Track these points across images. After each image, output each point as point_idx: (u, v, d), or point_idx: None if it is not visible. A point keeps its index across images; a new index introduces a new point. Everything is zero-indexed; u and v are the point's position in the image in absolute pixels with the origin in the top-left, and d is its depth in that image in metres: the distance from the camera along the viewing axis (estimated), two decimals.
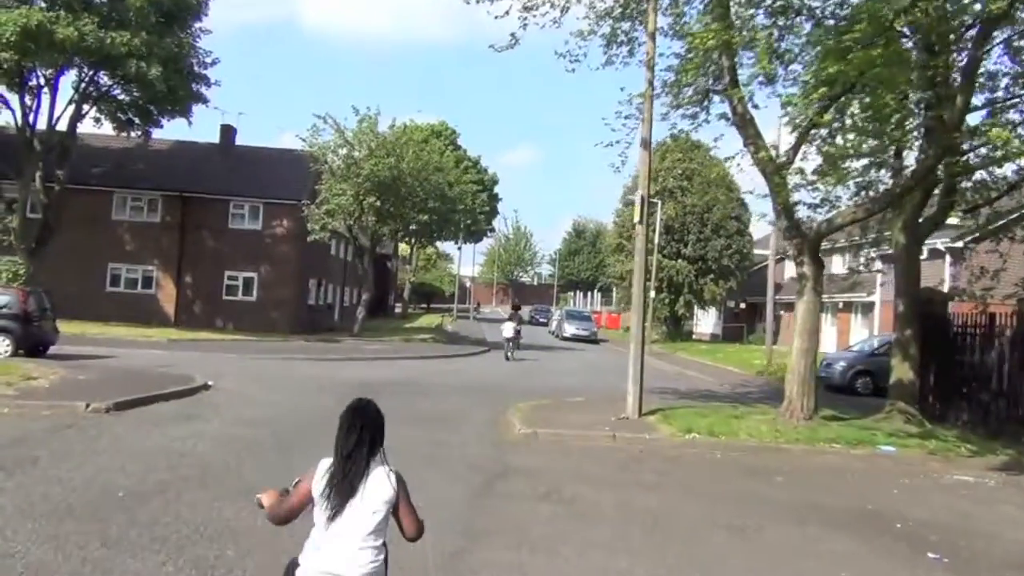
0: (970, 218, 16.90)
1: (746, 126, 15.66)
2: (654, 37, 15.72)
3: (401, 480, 3.82)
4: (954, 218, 17.17)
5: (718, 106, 17.46)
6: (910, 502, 10.41)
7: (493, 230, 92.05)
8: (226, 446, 11.09)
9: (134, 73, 29.68)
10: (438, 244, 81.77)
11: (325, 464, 3.80)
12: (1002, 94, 15.93)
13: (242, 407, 14.91)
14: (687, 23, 17.08)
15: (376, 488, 3.73)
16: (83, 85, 33.37)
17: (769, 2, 14.88)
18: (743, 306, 56.84)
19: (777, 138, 22.89)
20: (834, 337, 46.23)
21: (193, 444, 11.07)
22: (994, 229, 17.86)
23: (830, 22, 14.25)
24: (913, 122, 15.13)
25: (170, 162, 40.37)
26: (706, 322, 59.70)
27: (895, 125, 13.93)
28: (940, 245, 29.67)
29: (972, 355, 17.85)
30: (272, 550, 6.67)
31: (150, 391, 15.14)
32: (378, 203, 37.00)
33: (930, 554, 7.92)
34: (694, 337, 55.94)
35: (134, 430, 11.88)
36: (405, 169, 37.59)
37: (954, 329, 18.51)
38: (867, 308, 41.64)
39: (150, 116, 35.23)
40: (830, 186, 15.44)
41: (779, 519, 9.00)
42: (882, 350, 27.52)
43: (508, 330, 32.61)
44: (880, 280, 30.91)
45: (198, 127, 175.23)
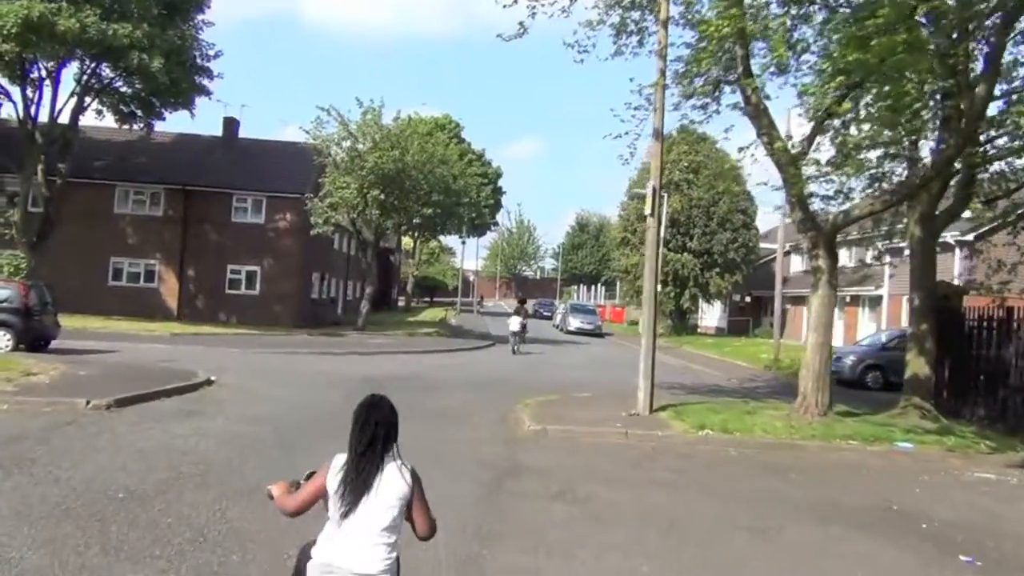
0: (989, 210, 16.55)
1: (760, 116, 15.34)
2: (666, 25, 15.38)
3: (416, 477, 3.80)
4: (969, 210, 16.79)
5: (728, 97, 17.22)
6: (933, 500, 10.11)
7: (497, 224, 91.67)
8: (229, 444, 10.82)
9: (136, 65, 29.41)
10: (441, 238, 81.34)
11: (340, 460, 3.77)
12: (1020, 84, 15.59)
13: (245, 403, 14.64)
14: (699, 12, 16.79)
15: (390, 484, 3.70)
16: (85, 77, 33.12)
17: None
18: (748, 300, 56.56)
19: (787, 129, 22.55)
20: (841, 331, 45.90)
21: (195, 442, 10.79)
22: (1012, 220, 17.51)
23: (846, 10, 13.93)
24: (928, 112, 14.80)
25: (172, 155, 40.13)
26: (711, 316, 59.39)
27: (911, 115, 13.61)
28: (950, 238, 29.35)
29: (988, 350, 17.53)
30: (278, 555, 6.41)
31: (152, 387, 14.87)
32: (382, 196, 36.67)
33: (962, 556, 7.63)
34: (699, 331, 55.68)
35: (135, 427, 11.61)
36: (409, 162, 37.26)
37: (969, 323, 18.20)
38: (875, 302, 41.32)
39: (152, 108, 34.98)
40: (849, 176, 15.09)
41: (799, 519, 8.71)
42: (892, 344, 27.25)
43: (515, 324, 32.57)
44: (889, 273, 30.52)
45: (201, 120, 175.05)
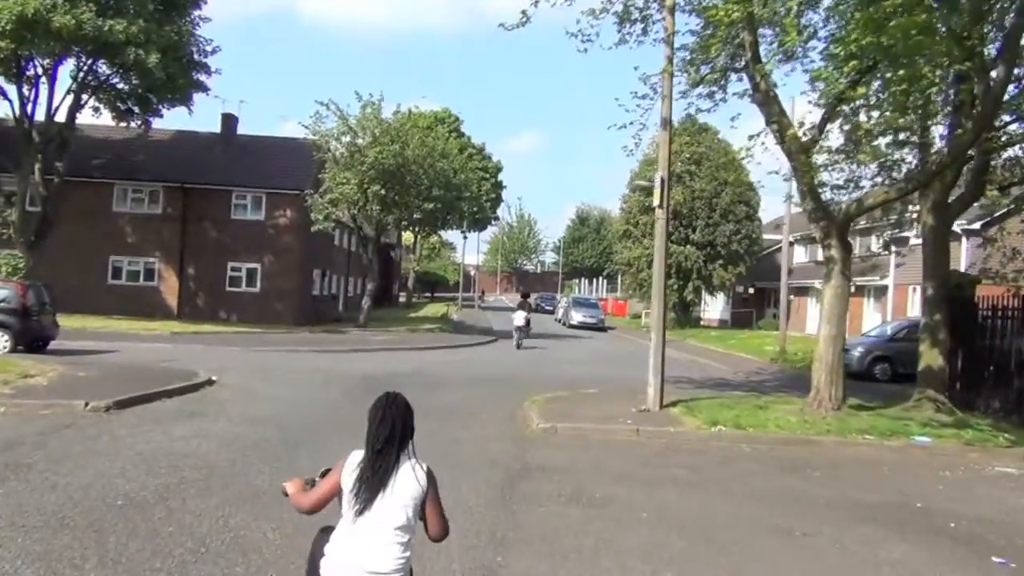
0: (1005, 197, 16.23)
1: (770, 103, 15.01)
2: (673, 11, 15.04)
3: (432, 476, 3.76)
4: (984, 198, 16.47)
5: (734, 85, 16.92)
6: (957, 498, 9.81)
7: (498, 218, 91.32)
8: (231, 446, 10.51)
9: (132, 61, 29.04)
10: (442, 233, 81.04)
11: (356, 457, 3.73)
12: None
13: (247, 403, 14.34)
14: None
15: (406, 483, 3.66)
16: (81, 74, 32.80)
17: None
18: (751, 291, 56.25)
19: (792, 117, 22.21)
20: (847, 322, 45.56)
21: (196, 444, 10.49)
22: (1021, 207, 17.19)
23: None
24: (939, 96, 14.49)
25: (171, 152, 39.79)
26: (714, 308, 59.08)
27: (926, 99, 13.31)
28: (956, 227, 29.00)
29: (1002, 340, 17.23)
30: (284, 566, 6.14)
31: (152, 388, 14.57)
32: (382, 191, 36.30)
33: (994, 558, 7.33)
34: (702, 323, 55.34)
35: (135, 430, 11.31)
36: (410, 156, 36.90)
37: (983, 313, 17.88)
38: (880, 292, 40.95)
39: (150, 105, 34.64)
40: (861, 164, 14.76)
41: (824, 520, 8.39)
42: (901, 335, 26.97)
43: (519, 319, 32.46)
44: (897, 263, 30.16)
45: (199, 117, 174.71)
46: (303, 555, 6.37)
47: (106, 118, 35.59)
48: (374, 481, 3.63)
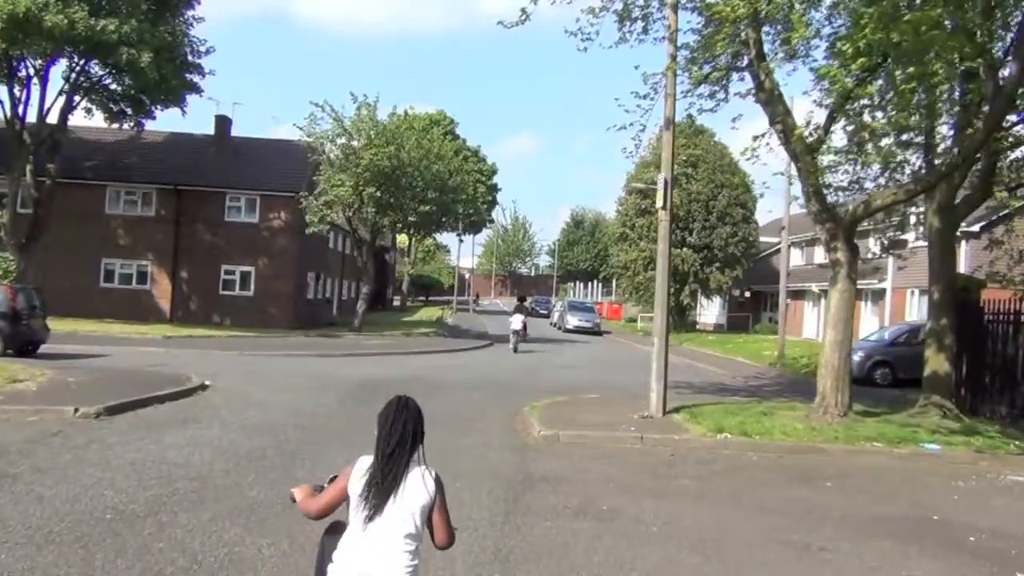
0: (1013, 198, 15.97)
1: (775, 103, 14.73)
2: (676, 8, 14.75)
3: (440, 483, 3.69)
4: (991, 199, 16.22)
5: (736, 85, 16.66)
6: (974, 509, 9.52)
7: (492, 221, 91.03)
8: (225, 455, 10.18)
9: (125, 60, 28.68)
10: (437, 235, 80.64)
11: (364, 462, 3.67)
12: None
13: (242, 409, 14.00)
14: None
15: (414, 490, 3.60)
16: (74, 75, 32.46)
17: None
18: (748, 295, 55.98)
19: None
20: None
21: (189, 453, 10.16)
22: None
23: None
24: (947, 95, 14.24)
25: (164, 154, 39.48)
26: (710, 312, 58.79)
27: (933, 99, 13.06)
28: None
29: (1008, 345, 17.00)
30: None
31: (144, 393, 14.24)
32: (378, 194, 35.98)
33: (1020, 574, 7.04)
34: (698, 327, 55.04)
35: (126, 438, 10.97)
36: (405, 158, 36.59)
37: (988, 317, 17.64)
38: (878, 295, 40.73)
39: (143, 106, 34.30)
40: (868, 165, 14.48)
41: (842, 534, 8.08)
42: (901, 339, 26.72)
43: (516, 322, 32.29)
44: (897, 266, 29.93)
45: (192, 119, 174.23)
46: (300, 573, 6.11)
47: (98, 119, 35.39)
48: (384, 487, 3.55)
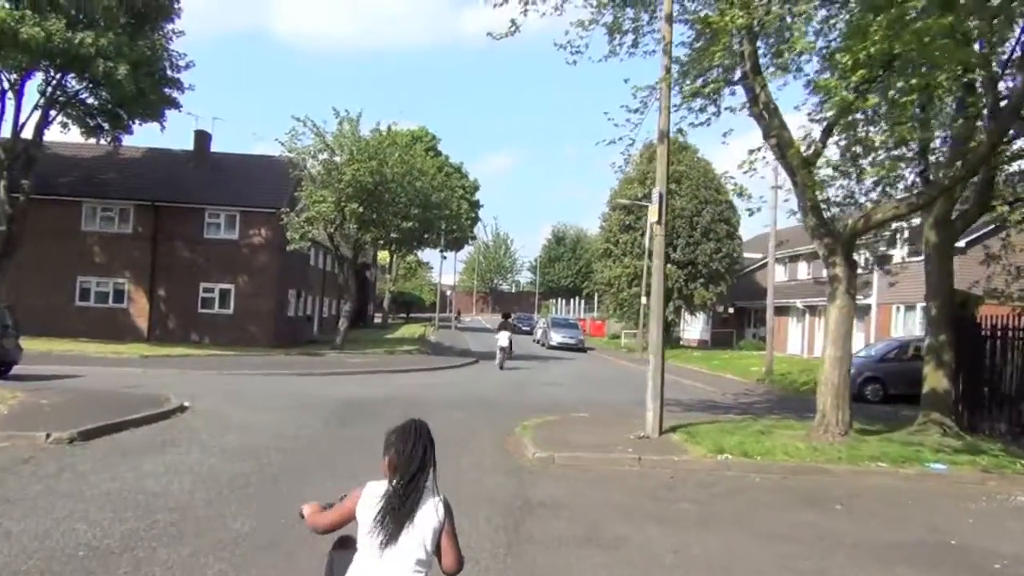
0: (1013, 212, 15.72)
1: (770, 116, 14.43)
2: (671, 20, 14.45)
3: (449, 508, 3.70)
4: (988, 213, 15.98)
5: (727, 99, 16.39)
6: (991, 534, 9.14)
7: (475, 237, 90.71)
8: (206, 483, 9.65)
9: (102, 73, 28.11)
10: (419, 252, 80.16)
11: (375, 489, 3.65)
12: None
13: (223, 432, 13.43)
14: (697, 11, 15.94)
15: (426, 515, 3.60)
16: (50, 89, 31.81)
17: None
18: (731, 311, 55.82)
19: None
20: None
21: (168, 481, 9.61)
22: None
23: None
24: (948, 107, 14.00)
25: (142, 170, 38.87)
26: (694, 328, 58.54)
27: (934, 111, 12.80)
28: None
29: (1007, 361, 16.73)
30: None
31: (120, 416, 13.61)
32: (360, 210, 35.52)
33: None
34: (682, 343, 54.76)
35: (100, 465, 10.40)
36: (388, 174, 36.16)
37: (984, 333, 17.38)
38: (863, 311, 40.53)
39: (120, 121, 33.66)
40: (863, 180, 14.19)
41: (856, 561, 7.68)
42: (892, 355, 26.53)
43: (503, 339, 32.01)
44: (889, 282, 29.75)
45: (171, 135, 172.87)
46: None
47: (75, 134, 34.68)
48: (402, 512, 3.53)
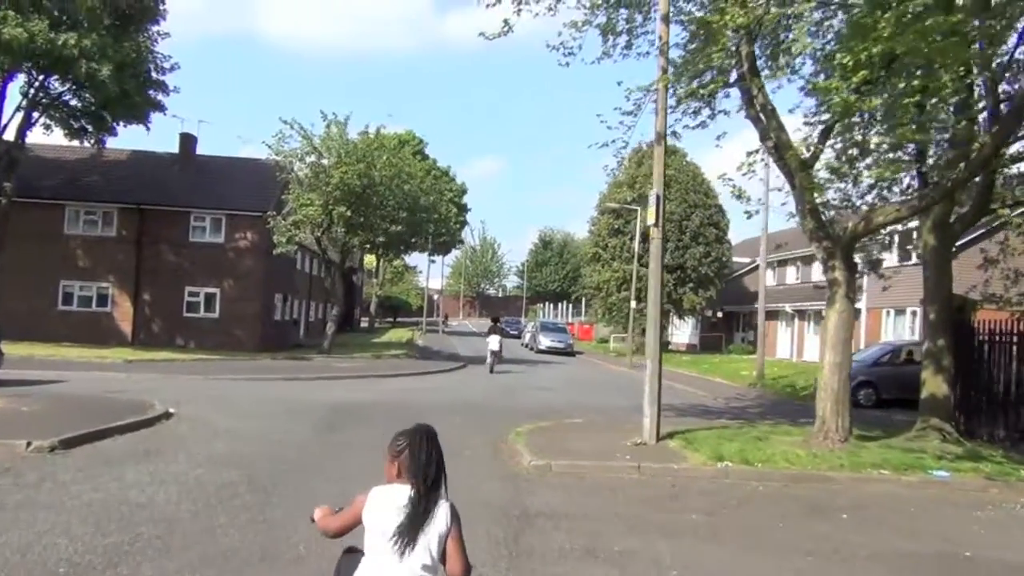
0: (1018, 216, 15.55)
1: (768, 118, 14.22)
2: (667, 20, 14.22)
3: (456, 514, 3.69)
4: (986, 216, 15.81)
5: (722, 102, 16.22)
6: (1003, 544, 8.91)
7: (463, 242, 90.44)
8: (192, 493, 9.29)
9: (85, 73, 27.68)
10: (406, 256, 79.84)
11: (384, 493, 3.65)
12: None
13: (210, 440, 13.07)
14: (692, 11, 15.73)
15: (435, 520, 3.60)
16: (32, 90, 31.30)
17: None
18: (720, 315, 55.72)
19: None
20: (817, 347, 45.02)
21: (153, 492, 9.26)
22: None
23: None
24: (949, 108, 13.80)
25: (126, 173, 38.32)
26: (683, 332, 58.42)
27: (936, 111, 12.61)
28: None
29: (1004, 366, 16.57)
30: None
31: (103, 423, 13.23)
32: (348, 213, 35.13)
33: None
34: (671, 347, 54.59)
35: (83, 474, 10.03)
36: (376, 177, 35.80)
37: (980, 338, 17.23)
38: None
39: (104, 123, 33.12)
40: (868, 180, 13.98)
41: (873, 575, 7.43)
42: (885, 359, 26.41)
43: (494, 343, 32.01)
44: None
45: (156, 138, 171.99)
46: None
47: (58, 136, 34.16)
48: (421, 519, 3.54)
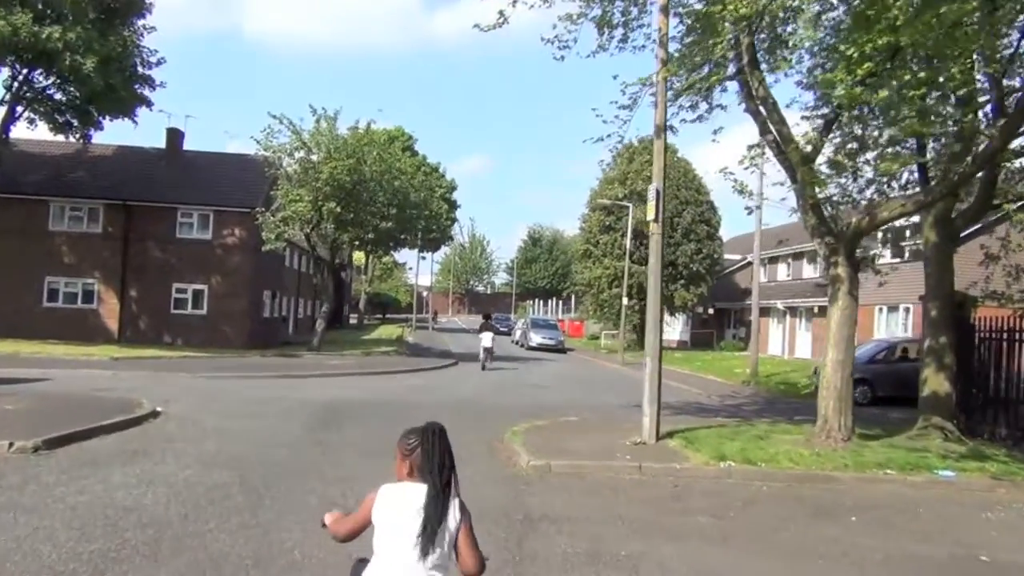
0: (1019, 211, 15.34)
1: (769, 111, 13.96)
2: (666, 10, 13.93)
3: (466, 509, 3.66)
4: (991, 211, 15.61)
5: (719, 95, 16.01)
6: (1017, 545, 8.69)
7: (452, 238, 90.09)
8: (181, 496, 8.97)
9: (69, 67, 27.26)
10: (395, 253, 79.37)
11: (397, 491, 3.60)
12: None
13: (199, 440, 12.74)
14: (690, 3, 15.47)
15: (450, 518, 3.57)
16: (16, 85, 30.86)
17: None
18: (711, 312, 55.58)
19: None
20: (809, 344, 44.98)
21: (140, 494, 8.93)
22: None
23: None
24: (951, 100, 13.58)
25: (112, 168, 37.84)
26: (674, 329, 58.18)
27: (939, 103, 12.39)
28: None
29: (1005, 364, 16.36)
30: None
31: (89, 422, 12.91)
32: (338, 209, 34.74)
33: None
34: (662, 345, 54.38)
35: (67, 476, 9.70)
36: (367, 173, 35.42)
37: (981, 335, 17.01)
38: None
39: (90, 117, 32.70)
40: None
41: None
42: (880, 356, 26.24)
43: (487, 340, 31.72)
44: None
45: (143, 133, 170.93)
46: None
47: (43, 131, 33.70)
48: (439, 517, 3.51)
